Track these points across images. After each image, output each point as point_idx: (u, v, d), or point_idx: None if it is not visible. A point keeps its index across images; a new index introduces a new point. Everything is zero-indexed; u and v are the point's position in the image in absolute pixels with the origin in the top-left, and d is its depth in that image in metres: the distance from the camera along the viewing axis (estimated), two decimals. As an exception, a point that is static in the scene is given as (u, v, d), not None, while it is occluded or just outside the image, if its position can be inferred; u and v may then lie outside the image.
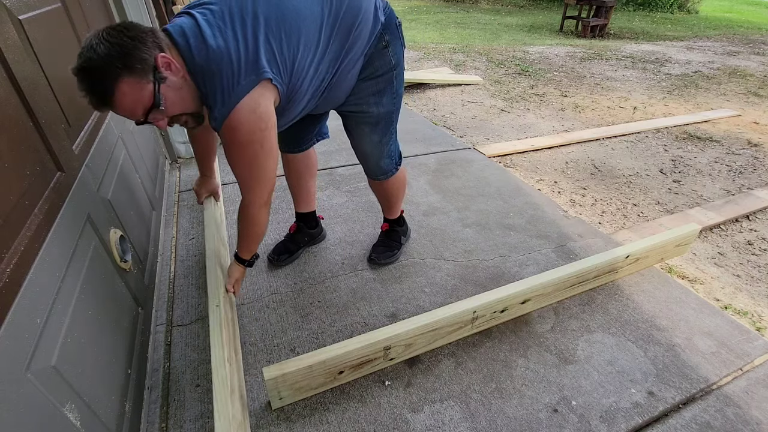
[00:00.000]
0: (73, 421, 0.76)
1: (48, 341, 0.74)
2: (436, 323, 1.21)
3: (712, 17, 11.04)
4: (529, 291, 1.34)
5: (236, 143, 0.99)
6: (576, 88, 4.49)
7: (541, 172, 2.65)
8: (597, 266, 1.45)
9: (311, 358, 1.07)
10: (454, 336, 1.31)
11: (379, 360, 1.20)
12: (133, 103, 0.88)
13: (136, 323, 1.22)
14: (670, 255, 1.71)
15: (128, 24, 0.88)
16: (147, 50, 0.86)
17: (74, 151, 1.08)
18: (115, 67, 0.82)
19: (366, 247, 1.75)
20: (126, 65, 0.83)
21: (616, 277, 1.60)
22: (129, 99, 0.86)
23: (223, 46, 0.92)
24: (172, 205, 2.02)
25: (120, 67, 0.82)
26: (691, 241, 1.69)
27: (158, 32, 0.91)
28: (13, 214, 0.74)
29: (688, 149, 3.07)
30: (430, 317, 1.21)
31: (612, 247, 1.64)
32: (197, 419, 1.11)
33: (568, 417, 1.13)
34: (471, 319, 1.28)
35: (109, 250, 1.13)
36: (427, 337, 1.23)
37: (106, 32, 0.83)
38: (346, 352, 1.10)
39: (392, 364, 1.25)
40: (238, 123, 0.95)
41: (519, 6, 11.82)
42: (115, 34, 0.83)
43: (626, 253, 1.50)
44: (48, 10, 1.15)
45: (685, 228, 1.64)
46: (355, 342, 1.12)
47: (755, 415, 1.14)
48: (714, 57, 6.23)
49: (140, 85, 0.86)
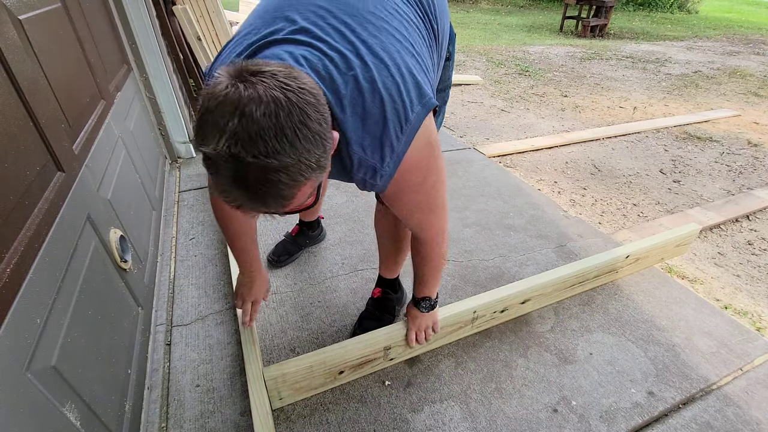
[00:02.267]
0: (73, 421, 0.76)
1: (48, 341, 0.74)
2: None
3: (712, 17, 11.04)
4: (529, 291, 1.34)
5: (413, 186, 0.79)
6: (576, 88, 4.49)
7: (541, 172, 2.65)
8: (597, 266, 1.45)
9: (311, 357, 1.07)
10: (455, 336, 1.31)
11: (379, 360, 1.20)
12: (300, 201, 0.62)
13: (136, 323, 1.22)
14: (671, 255, 1.71)
15: (308, 87, 0.56)
16: (330, 132, 0.60)
17: (74, 151, 1.08)
18: (310, 168, 0.56)
19: (366, 247, 1.75)
20: (320, 165, 0.58)
21: (617, 277, 1.59)
22: (300, 199, 0.61)
23: (381, 85, 0.68)
24: (172, 205, 2.02)
25: (314, 167, 0.57)
26: (691, 241, 1.69)
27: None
28: (13, 214, 0.74)
29: (688, 149, 3.07)
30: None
31: (612, 247, 1.64)
32: (197, 419, 1.11)
33: (568, 417, 1.13)
34: (471, 319, 1.28)
35: (109, 250, 1.13)
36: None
37: (292, 114, 0.53)
38: (347, 352, 1.11)
39: (392, 364, 1.25)
40: (415, 163, 0.74)
41: (519, 6, 11.82)
42: (305, 118, 0.54)
43: (626, 253, 1.50)
44: (48, 10, 1.15)
45: (685, 228, 1.64)
46: (356, 342, 1.12)
47: (755, 415, 1.14)
48: (714, 57, 6.23)
49: (317, 179, 0.61)
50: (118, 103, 1.61)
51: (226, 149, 0.51)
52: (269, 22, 0.74)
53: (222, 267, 1.63)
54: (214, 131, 0.52)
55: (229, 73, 0.54)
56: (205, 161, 0.56)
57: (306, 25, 0.71)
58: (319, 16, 0.72)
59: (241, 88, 0.52)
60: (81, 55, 1.35)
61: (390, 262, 1.35)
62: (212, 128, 0.52)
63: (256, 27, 0.74)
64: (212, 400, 1.15)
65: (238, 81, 0.53)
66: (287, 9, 0.74)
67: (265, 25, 0.73)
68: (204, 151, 0.54)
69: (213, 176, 0.57)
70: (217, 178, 0.56)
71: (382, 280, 1.40)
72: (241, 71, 0.54)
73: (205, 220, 1.91)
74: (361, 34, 0.71)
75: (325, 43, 0.69)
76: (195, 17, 2.47)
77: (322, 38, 0.70)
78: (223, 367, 1.24)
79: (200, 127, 0.54)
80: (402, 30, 0.76)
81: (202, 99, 0.54)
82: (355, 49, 0.69)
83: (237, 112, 0.51)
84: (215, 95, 0.52)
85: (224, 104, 0.51)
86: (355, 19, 0.72)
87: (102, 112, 1.40)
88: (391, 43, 0.72)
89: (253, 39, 0.73)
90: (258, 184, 0.54)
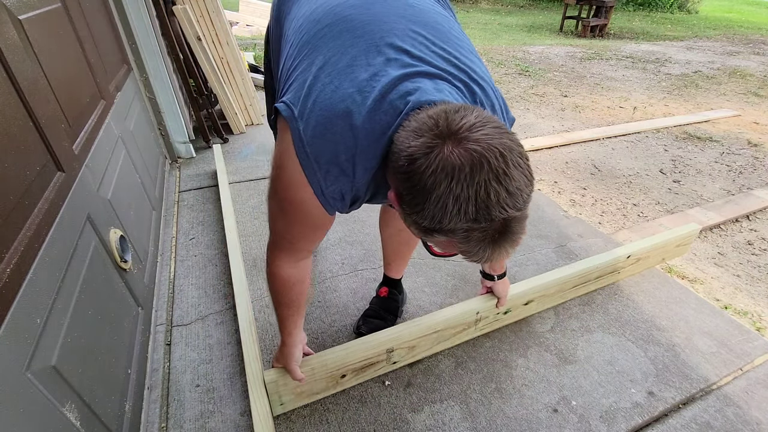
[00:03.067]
0: (73, 421, 0.76)
1: (48, 341, 0.74)
2: (440, 324, 1.20)
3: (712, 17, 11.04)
4: (531, 291, 1.34)
5: None
6: (576, 88, 4.49)
7: (541, 172, 2.65)
8: (599, 266, 1.45)
9: (313, 360, 1.06)
10: (458, 338, 1.30)
11: (382, 363, 1.19)
12: None
13: (136, 323, 1.22)
14: (671, 255, 1.71)
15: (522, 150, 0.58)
16: None
17: (74, 151, 1.08)
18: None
19: (366, 247, 1.75)
20: None
21: (618, 278, 1.59)
22: None
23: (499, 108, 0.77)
24: (172, 205, 2.02)
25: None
26: (691, 241, 1.69)
27: None
28: (13, 214, 0.74)
29: (688, 149, 3.07)
30: (433, 318, 1.19)
31: (612, 247, 1.64)
32: (197, 419, 1.11)
33: (568, 417, 1.13)
34: (474, 320, 1.28)
35: (109, 250, 1.13)
36: (430, 339, 1.22)
37: (522, 153, 0.57)
38: (349, 354, 1.09)
39: (395, 367, 1.24)
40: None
41: (519, 6, 11.82)
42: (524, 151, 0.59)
43: (627, 253, 1.50)
44: (48, 10, 1.15)
45: (685, 228, 1.64)
46: (358, 344, 1.11)
47: (755, 415, 1.14)
48: (714, 57, 6.23)
49: None
50: (118, 103, 1.61)
51: (502, 218, 0.54)
52: (371, 50, 0.69)
53: (222, 267, 1.63)
54: (490, 205, 0.53)
55: (437, 135, 0.55)
56: (467, 233, 0.56)
57: (418, 53, 0.69)
58: (413, 38, 0.71)
59: (476, 149, 0.53)
60: (81, 55, 1.35)
61: (398, 262, 1.35)
62: (484, 204, 0.53)
63: (357, 56, 0.68)
64: (212, 400, 1.15)
65: (456, 146, 0.53)
66: (382, 33, 0.70)
67: (372, 54, 0.68)
68: (473, 227, 0.55)
69: (465, 243, 0.57)
70: (473, 244, 0.57)
71: (390, 280, 1.40)
72: (449, 131, 0.54)
73: (205, 220, 1.91)
74: (454, 54, 0.73)
75: (444, 71, 0.70)
76: (195, 17, 2.47)
77: (440, 66, 0.70)
78: (223, 367, 1.24)
79: (475, 206, 0.53)
80: (462, 36, 0.79)
81: (434, 175, 0.53)
82: (468, 75, 0.72)
83: (497, 178, 0.52)
84: (460, 168, 0.52)
85: (480, 172, 0.52)
86: (438, 35, 0.74)
87: (102, 112, 1.40)
88: (475, 58, 0.77)
89: (381, 78, 0.66)
90: (521, 234, 0.58)
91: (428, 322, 1.18)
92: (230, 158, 2.48)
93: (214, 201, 2.04)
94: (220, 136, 2.70)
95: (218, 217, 1.92)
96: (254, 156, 2.53)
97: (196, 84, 2.54)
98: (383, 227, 1.28)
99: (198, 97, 2.58)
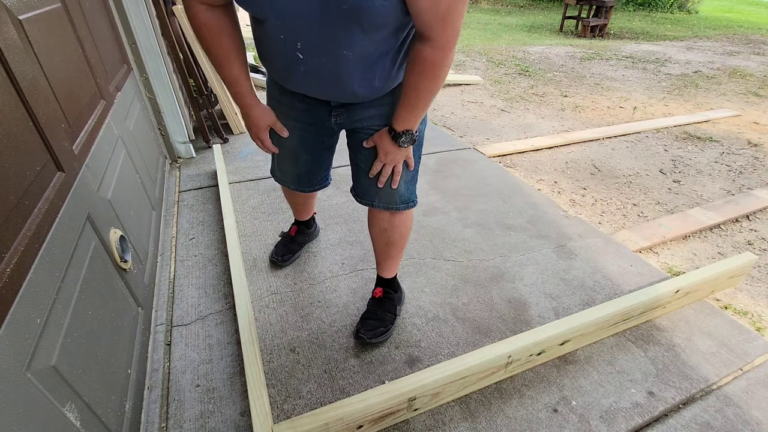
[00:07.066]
0: (73, 421, 0.76)
1: (48, 341, 0.74)
2: (467, 371, 1.10)
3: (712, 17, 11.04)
4: (569, 332, 1.23)
5: None
6: (576, 88, 4.49)
7: (541, 172, 2.65)
8: (644, 303, 1.34)
9: (328, 413, 0.97)
10: (485, 381, 1.20)
11: (402, 411, 1.08)
12: None
13: (136, 323, 1.22)
14: (722, 287, 1.59)
15: None
16: None
17: (74, 151, 1.08)
18: None
19: (366, 247, 1.75)
20: None
21: (664, 313, 1.46)
22: None
23: None
24: (172, 205, 2.02)
25: None
26: (746, 272, 1.55)
27: None
28: (13, 214, 0.74)
29: (688, 149, 3.07)
30: (460, 364, 1.09)
31: (612, 247, 1.62)
32: (197, 419, 1.11)
33: (568, 417, 1.13)
34: (505, 364, 1.17)
35: (109, 250, 1.13)
36: (456, 385, 1.13)
37: None
38: (367, 406, 1.00)
39: (416, 414, 1.14)
40: None
41: (519, 6, 11.82)
42: None
43: (676, 288, 1.39)
44: (48, 10, 1.15)
45: (740, 258, 1.53)
46: (377, 393, 1.02)
47: (755, 415, 1.14)
48: (714, 57, 6.23)
49: None
50: (118, 103, 1.61)
51: None
52: None
53: (222, 267, 1.63)
54: None
55: None
56: None
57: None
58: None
59: None
60: (81, 55, 1.35)
61: (387, 263, 1.36)
62: None
63: None
64: (212, 400, 1.15)
65: None
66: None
67: None
68: None
69: None
70: None
71: (382, 280, 1.41)
72: None
73: (205, 220, 1.91)
74: None
75: None
76: (195, 17, 2.46)
77: None
78: (223, 367, 1.24)
79: None
80: None
81: None
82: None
83: None
84: None
85: None
86: None
87: (102, 112, 1.40)
88: None
89: None
90: None
91: (454, 369, 1.08)
92: (230, 158, 2.48)
93: (214, 201, 2.05)
94: (220, 136, 2.70)
95: (218, 217, 1.92)
96: (254, 156, 2.53)
97: (196, 84, 2.54)
98: (370, 227, 1.31)
99: (198, 97, 2.58)
